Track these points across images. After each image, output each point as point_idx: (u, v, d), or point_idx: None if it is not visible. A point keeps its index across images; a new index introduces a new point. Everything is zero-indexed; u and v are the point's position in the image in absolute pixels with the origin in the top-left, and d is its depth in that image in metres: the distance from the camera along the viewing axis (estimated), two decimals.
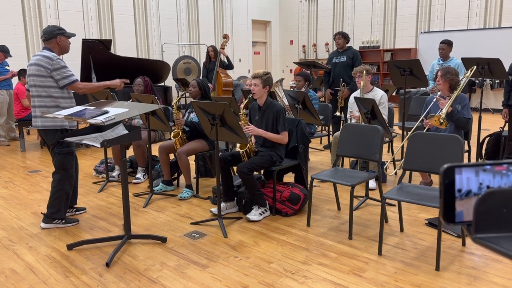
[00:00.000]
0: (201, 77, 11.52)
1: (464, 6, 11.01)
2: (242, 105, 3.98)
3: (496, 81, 10.46)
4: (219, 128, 3.48)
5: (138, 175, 5.05)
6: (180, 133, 4.45)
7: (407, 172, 4.84)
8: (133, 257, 3.08)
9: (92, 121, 2.77)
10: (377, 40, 12.77)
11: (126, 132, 3.08)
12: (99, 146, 2.80)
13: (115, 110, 2.94)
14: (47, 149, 7.00)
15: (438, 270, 2.80)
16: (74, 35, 3.71)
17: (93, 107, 3.14)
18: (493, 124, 8.22)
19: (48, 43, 3.55)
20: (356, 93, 4.95)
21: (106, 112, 2.91)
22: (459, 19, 11.13)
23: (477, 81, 10.41)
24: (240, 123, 3.57)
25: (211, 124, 3.51)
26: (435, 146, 3.11)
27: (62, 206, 3.63)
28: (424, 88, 7.31)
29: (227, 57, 8.40)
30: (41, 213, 3.75)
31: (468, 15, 10.98)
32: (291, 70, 14.57)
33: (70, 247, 3.22)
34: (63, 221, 3.67)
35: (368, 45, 12.88)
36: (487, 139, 5.80)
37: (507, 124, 5.23)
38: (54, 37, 3.54)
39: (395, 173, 5.02)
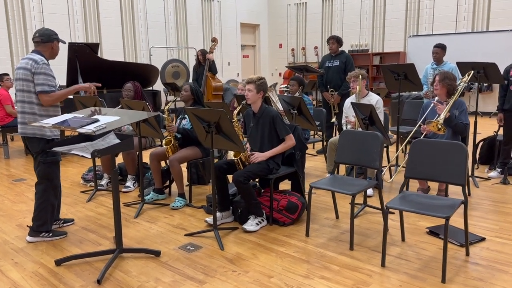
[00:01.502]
0: (190, 81, 11.37)
1: (452, 10, 11.06)
2: (235, 112, 3.86)
3: (485, 84, 10.51)
4: (214, 135, 3.35)
5: (128, 183, 4.89)
6: (173, 140, 4.31)
7: (403, 178, 4.77)
8: (125, 272, 2.93)
9: (82, 130, 2.62)
10: (366, 43, 12.76)
11: (118, 141, 2.93)
12: (89, 156, 2.65)
13: (106, 118, 2.79)
14: (32, 156, 6.77)
15: (444, 282, 2.70)
16: (65, 42, 3.65)
17: (82, 115, 2.99)
18: (482, 127, 8.22)
19: (42, 46, 3.39)
20: (352, 98, 4.86)
21: (97, 120, 2.76)
22: (448, 23, 11.18)
23: (465, 85, 10.43)
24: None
25: (206, 132, 3.38)
26: (438, 153, 3.03)
27: (48, 218, 3.46)
28: (415, 92, 7.28)
29: (212, 61, 8.25)
30: (27, 226, 3.56)
31: (456, 19, 11.04)
32: (280, 74, 14.49)
33: (58, 262, 3.05)
34: (50, 234, 3.50)
35: (357, 48, 12.87)
36: (481, 143, 5.78)
37: (501, 128, 5.20)
38: (51, 41, 3.42)
39: (391, 180, 4.95)
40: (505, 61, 5.30)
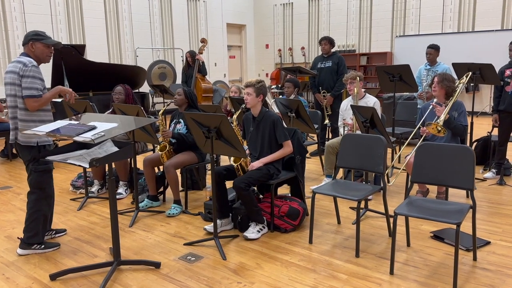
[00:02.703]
0: (177, 82, 11.17)
1: (439, 10, 11.14)
2: (235, 116, 3.76)
3: (471, 84, 10.59)
4: (214, 141, 3.23)
5: (120, 190, 4.73)
6: (167, 146, 4.17)
7: (404, 181, 4.73)
8: (125, 286, 2.79)
9: (79, 138, 2.48)
10: (352, 44, 12.76)
11: (116, 149, 2.80)
12: (87, 166, 2.51)
13: (104, 125, 2.65)
14: (16, 162, 6.53)
15: None
16: (56, 43, 3.28)
17: (78, 122, 2.84)
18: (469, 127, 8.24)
19: (24, 48, 3.22)
20: (348, 100, 4.80)
21: (94, 127, 2.62)
22: (434, 23, 11.25)
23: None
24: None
25: (205, 137, 3.26)
26: (444, 157, 2.97)
27: (39, 229, 3.29)
28: (407, 93, 7.27)
29: (202, 62, 8.09)
30: (18, 237, 3.39)
31: (443, 19, 11.12)
32: (267, 74, 14.40)
33: (53, 277, 2.90)
34: (42, 245, 3.33)
35: (344, 49, 12.85)
36: (474, 143, 5.78)
37: (495, 129, 5.21)
38: (26, 43, 3.19)
39: (388, 181, 4.91)
40: (491, 61, 5.32)
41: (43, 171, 3.25)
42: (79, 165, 2.57)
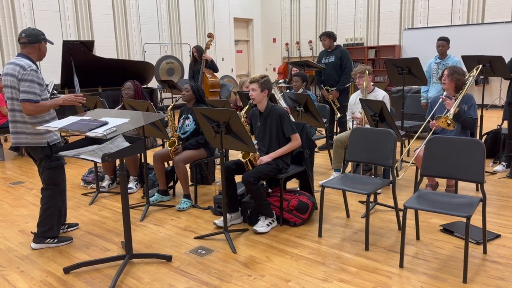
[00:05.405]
0: (184, 78, 11.21)
1: (447, 2, 11.03)
2: (243, 111, 3.77)
3: (481, 77, 10.50)
4: (223, 135, 3.26)
5: (130, 185, 4.77)
6: (176, 141, 4.20)
7: (412, 175, 4.73)
8: (137, 279, 2.84)
9: (91, 134, 2.51)
10: (360, 37, 12.69)
11: (127, 144, 2.83)
12: (99, 161, 2.55)
13: (115, 121, 2.69)
14: (28, 158, 6.62)
15: (466, 282, 2.65)
16: (52, 43, 3.45)
17: (89, 117, 2.87)
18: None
19: (30, 47, 3.20)
20: (357, 94, 4.79)
21: (106, 123, 2.65)
22: (443, 15, 11.15)
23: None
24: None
25: (215, 132, 3.28)
26: (454, 150, 2.97)
27: (54, 223, 3.35)
28: (416, 86, 7.22)
29: (211, 61, 8.04)
30: (31, 232, 3.45)
31: (452, 11, 11.01)
32: (274, 69, 14.38)
33: (66, 270, 2.95)
34: (56, 240, 3.39)
35: (352, 42, 12.79)
36: (484, 137, 5.75)
37: (505, 121, 5.17)
38: (39, 42, 3.22)
39: (397, 175, 4.90)
40: (501, 53, 5.26)
41: (56, 167, 3.30)
42: (92, 160, 2.61)
